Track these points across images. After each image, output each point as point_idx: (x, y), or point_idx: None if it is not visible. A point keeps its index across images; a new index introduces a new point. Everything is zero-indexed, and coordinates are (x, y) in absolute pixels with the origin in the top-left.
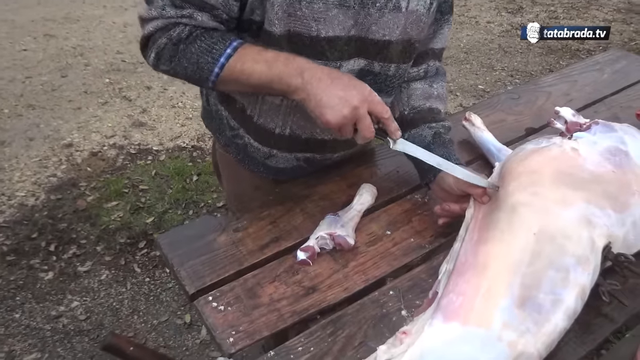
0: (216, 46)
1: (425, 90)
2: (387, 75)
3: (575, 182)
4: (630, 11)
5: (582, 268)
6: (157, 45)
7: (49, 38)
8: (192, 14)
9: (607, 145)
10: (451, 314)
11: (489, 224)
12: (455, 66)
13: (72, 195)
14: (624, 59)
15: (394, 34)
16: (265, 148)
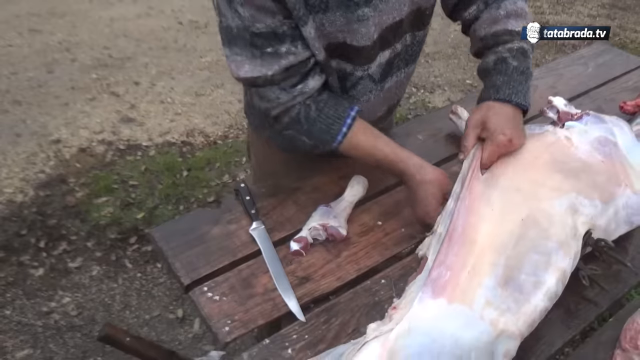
0: (332, 127)
1: (492, 15)
2: (406, 46)
3: (568, 170)
4: (614, 7)
5: (564, 252)
6: (283, 123)
7: (34, 33)
8: (302, 89)
9: (597, 135)
10: (439, 289)
11: (483, 198)
12: (443, 61)
13: (61, 191)
14: (607, 53)
15: (403, 11)
16: None
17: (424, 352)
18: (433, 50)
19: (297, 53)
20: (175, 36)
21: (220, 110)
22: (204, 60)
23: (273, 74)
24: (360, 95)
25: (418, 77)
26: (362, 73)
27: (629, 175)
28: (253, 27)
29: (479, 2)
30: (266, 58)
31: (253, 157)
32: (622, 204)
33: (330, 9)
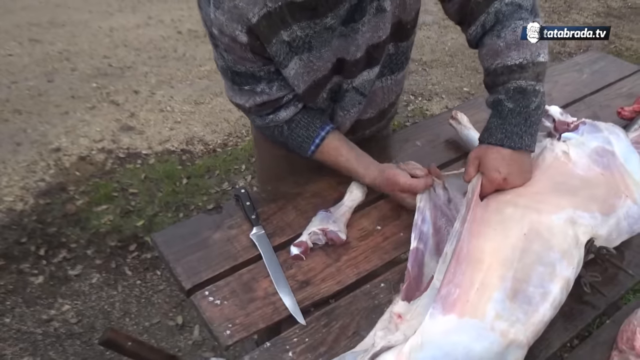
0: (303, 145)
1: (492, 46)
2: (390, 55)
3: (567, 190)
4: (609, 15)
5: (567, 262)
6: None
7: (35, 43)
8: (273, 118)
9: (594, 146)
10: (449, 306)
11: (483, 221)
12: (440, 69)
13: (61, 199)
14: (602, 60)
15: (387, 30)
16: None
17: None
18: (430, 58)
19: (270, 94)
20: (174, 45)
21: (219, 119)
22: (203, 69)
23: (250, 107)
24: (350, 108)
25: (416, 85)
26: (348, 86)
27: (629, 185)
28: (235, 67)
29: (477, 24)
30: (244, 92)
31: (258, 159)
32: (624, 214)
33: (314, 47)
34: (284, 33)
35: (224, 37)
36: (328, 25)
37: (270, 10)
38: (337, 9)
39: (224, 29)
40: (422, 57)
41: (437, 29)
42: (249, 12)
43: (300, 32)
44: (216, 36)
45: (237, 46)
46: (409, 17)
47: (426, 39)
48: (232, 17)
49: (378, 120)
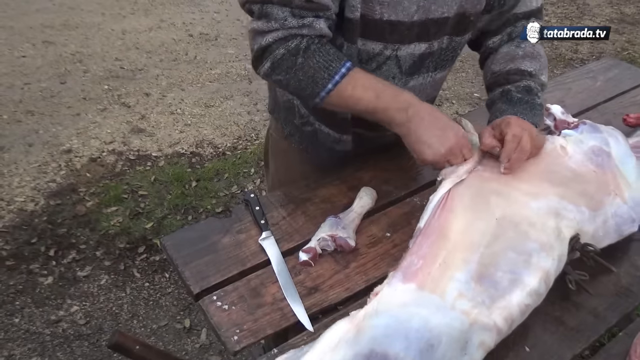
0: (332, 64)
1: (510, 52)
2: (442, 48)
3: (557, 179)
4: (622, 21)
5: (546, 254)
6: (274, 56)
7: (48, 45)
8: (312, 22)
9: (592, 144)
10: (410, 276)
11: (459, 196)
12: (451, 74)
13: (72, 200)
14: (616, 67)
15: (452, 10)
16: (336, 134)
17: (391, 333)
18: None
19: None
20: (185, 48)
21: (229, 122)
22: (214, 72)
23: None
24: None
25: None
26: (391, 53)
27: (620, 184)
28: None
29: (504, 33)
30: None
31: (272, 166)
32: (612, 212)
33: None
34: None
35: None
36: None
37: None
38: None
39: None
40: None
41: None
42: None
43: None
44: None
45: None
46: (474, 10)
47: None
48: None
49: None
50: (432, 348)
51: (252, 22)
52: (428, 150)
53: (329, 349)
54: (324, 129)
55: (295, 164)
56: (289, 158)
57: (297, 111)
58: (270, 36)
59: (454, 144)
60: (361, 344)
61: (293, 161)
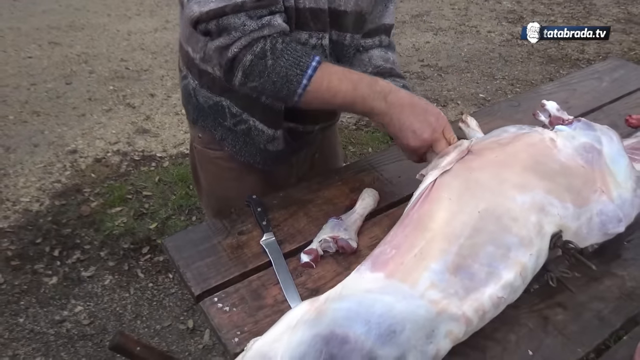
0: (302, 59)
1: (383, 55)
2: (344, 44)
3: (544, 171)
4: (629, 21)
5: (525, 249)
6: (243, 64)
7: (54, 46)
8: (270, 20)
9: (583, 141)
10: (379, 265)
11: (445, 186)
12: (456, 75)
13: (76, 201)
14: (622, 68)
15: (349, 5)
16: (270, 130)
17: (352, 316)
18: (446, 64)
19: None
20: None
21: None
22: None
23: (244, 1)
24: None
25: (431, 91)
26: (316, 42)
27: (608, 182)
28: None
29: (376, 38)
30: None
31: (203, 180)
32: (597, 210)
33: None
34: None
35: None
36: None
37: None
38: None
39: None
40: (437, 63)
41: (454, 35)
42: None
43: None
44: None
45: None
46: (369, 9)
47: (442, 44)
48: None
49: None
50: (395, 334)
51: (213, 42)
52: (412, 136)
53: (287, 328)
54: (258, 125)
55: (227, 172)
56: (219, 165)
57: (228, 111)
58: (234, 47)
59: (437, 127)
60: (321, 325)
61: (224, 169)
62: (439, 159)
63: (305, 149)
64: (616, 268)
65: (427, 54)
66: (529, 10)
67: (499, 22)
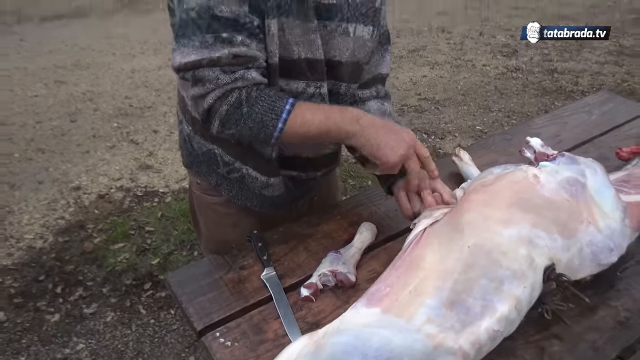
0: (277, 104)
1: (380, 107)
2: (339, 93)
3: (528, 206)
4: (621, 54)
5: (518, 281)
6: (219, 114)
7: (60, 84)
8: (243, 74)
9: (567, 175)
10: (375, 301)
11: (434, 232)
12: (453, 108)
13: (80, 237)
14: (611, 101)
15: (344, 55)
16: (263, 177)
17: (350, 350)
18: (443, 97)
19: (249, 46)
20: None
21: None
22: None
23: (220, 57)
24: None
25: (429, 123)
26: (314, 90)
27: (594, 213)
28: (216, 9)
29: (373, 89)
30: (218, 43)
31: (202, 224)
32: (587, 241)
33: (292, 14)
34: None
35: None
36: None
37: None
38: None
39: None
40: (434, 96)
41: (450, 69)
42: None
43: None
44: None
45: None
46: (365, 60)
47: (439, 78)
48: None
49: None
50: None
51: (191, 89)
52: (390, 152)
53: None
54: (252, 173)
55: (225, 217)
56: (218, 211)
57: (221, 159)
58: (209, 97)
59: (410, 142)
60: (320, 359)
61: (222, 215)
62: (431, 210)
63: (306, 194)
64: (610, 298)
65: (424, 87)
66: (522, 44)
67: (493, 56)
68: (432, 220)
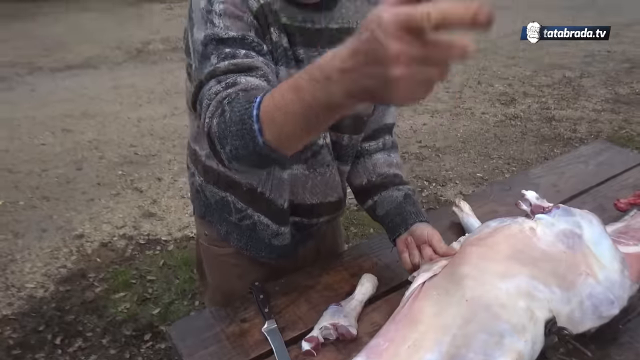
0: (252, 97)
1: (387, 159)
2: (342, 145)
3: (525, 259)
4: (617, 101)
5: (519, 335)
6: (214, 133)
7: (67, 133)
8: (235, 79)
9: (563, 227)
10: (374, 356)
11: (433, 285)
12: (453, 155)
13: (81, 286)
14: (607, 151)
15: None
16: (274, 225)
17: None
18: (443, 145)
19: (253, 58)
20: None
21: None
22: None
23: (219, 66)
24: (318, 166)
25: (429, 171)
26: (323, 141)
27: (592, 265)
28: (223, 34)
29: (379, 141)
30: (222, 54)
31: (209, 276)
32: (586, 294)
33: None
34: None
35: None
36: (300, 57)
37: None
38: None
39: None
40: (435, 144)
41: (449, 116)
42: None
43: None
44: None
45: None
46: (366, 112)
47: (439, 125)
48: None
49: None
50: None
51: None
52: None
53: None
54: (264, 220)
55: (233, 268)
56: (225, 262)
57: (233, 207)
58: (206, 117)
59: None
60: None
61: (230, 266)
62: (430, 264)
63: (310, 241)
64: (613, 352)
65: (424, 135)
66: (520, 92)
67: (492, 104)
68: (431, 274)
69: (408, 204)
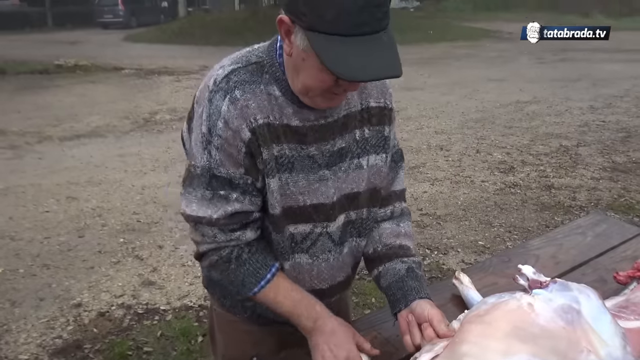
0: (260, 271)
1: (394, 229)
2: (362, 219)
3: (525, 336)
4: (615, 170)
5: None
6: (210, 261)
7: (71, 200)
8: (239, 236)
9: (561, 303)
10: None
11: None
12: (454, 223)
13: (76, 358)
14: (604, 223)
15: (361, 186)
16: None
17: None
18: (444, 212)
19: (243, 203)
20: None
21: None
22: None
23: (218, 218)
24: (320, 253)
25: (431, 239)
26: (322, 230)
27: (592, 341)
28: (216, 170)
29: (387, 209)
30: (216, 200)
31: (220, 341)
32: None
33: (295, 169)
34: (275, 147)
35: (227, 131)
36: (311, 154)
37: (271, 122)
38: (322, 144)
39: (231, 121)
40: (435, 212)
41: (449, 185)
42: (257, 114)
43: (288, 151)
44: (216, 130)
45: (235, 142)
46: (382, 184)
47: (439, 193)
48: (242, 114)
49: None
50: None
51: (190, 233)
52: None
53: None
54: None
55: (246, 335)
56: (238, 329)
57: None
58: (204, 246)
59: None
60: None
61: (243, 332)
62: (432, 345)
63: None
64: None
65: (425, 203)
66: (518, 161)
67: (491, 172)
68: (433, 355)
69: (410, 278)
